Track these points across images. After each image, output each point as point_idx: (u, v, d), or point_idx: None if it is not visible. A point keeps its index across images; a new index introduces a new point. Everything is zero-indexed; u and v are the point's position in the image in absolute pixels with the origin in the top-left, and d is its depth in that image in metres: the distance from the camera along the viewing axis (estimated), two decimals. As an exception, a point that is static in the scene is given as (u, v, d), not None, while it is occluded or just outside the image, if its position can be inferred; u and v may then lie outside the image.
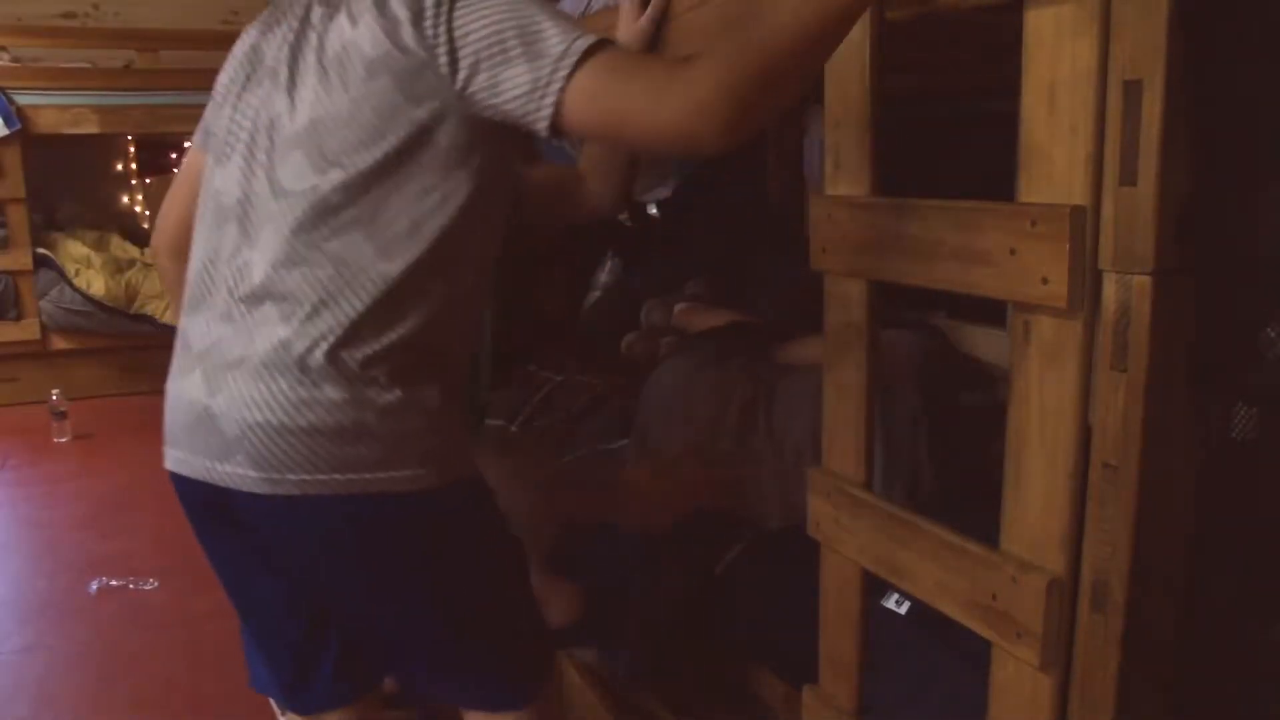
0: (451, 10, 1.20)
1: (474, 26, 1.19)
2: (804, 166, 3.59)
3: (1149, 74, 0.97)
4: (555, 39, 1.17)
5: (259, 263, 1.26)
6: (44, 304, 5.14)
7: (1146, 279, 1.00)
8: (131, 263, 5.37)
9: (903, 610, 1.63)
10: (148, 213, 6.23)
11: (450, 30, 1.19)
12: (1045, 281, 1.07)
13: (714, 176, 3.48)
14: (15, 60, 5.17)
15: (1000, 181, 1.18)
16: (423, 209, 1.24)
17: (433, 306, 1.27)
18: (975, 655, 1.28)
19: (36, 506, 3.81)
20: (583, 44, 1.16)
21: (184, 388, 1.31)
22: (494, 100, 1.20)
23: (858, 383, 1.42)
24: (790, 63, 1.11)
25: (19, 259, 5.08)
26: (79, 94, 5.08)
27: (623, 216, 3.86)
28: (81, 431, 4.64)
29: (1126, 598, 1.06)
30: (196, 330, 1.31)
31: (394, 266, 1.23)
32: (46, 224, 5.54)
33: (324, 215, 1.23)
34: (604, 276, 3.47)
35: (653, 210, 3.86)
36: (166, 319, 5.24)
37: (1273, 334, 0.99)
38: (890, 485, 1.97)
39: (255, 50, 1.38)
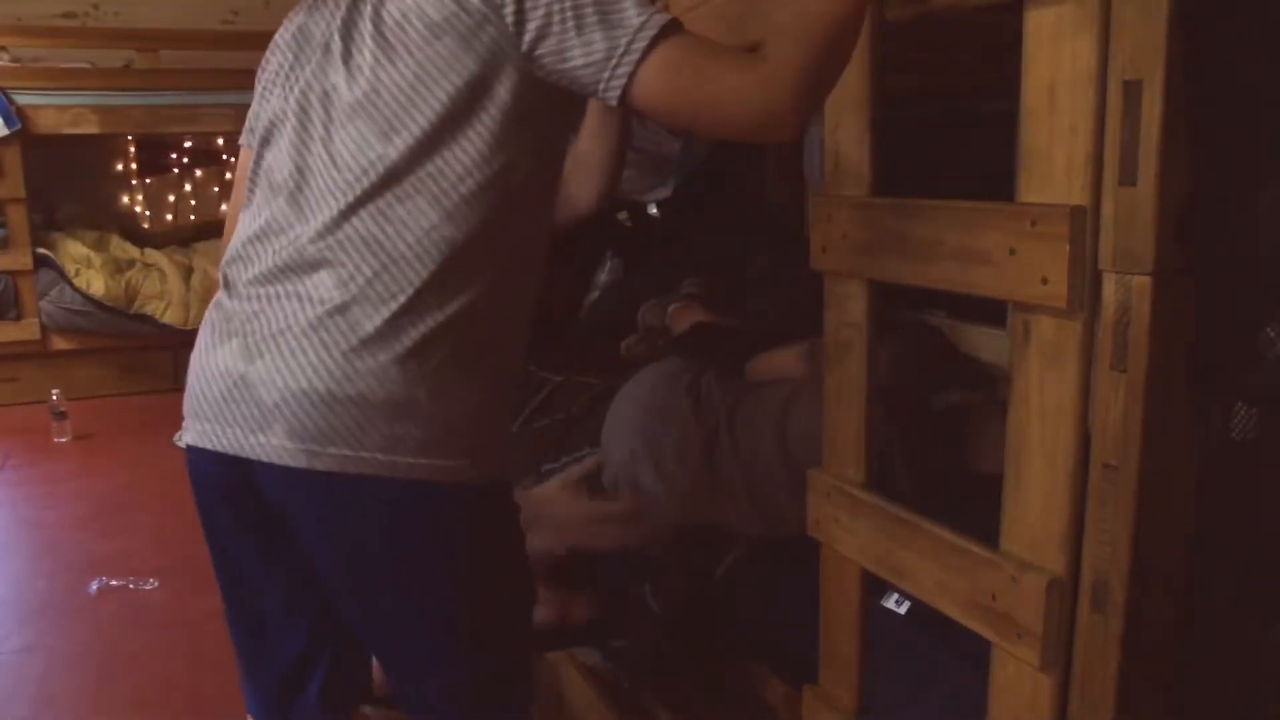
0: None
1: None
2: (804, 167, 3.59)
3: (1149, 74, 0.97)
4: (632, 8, 1.16)
5: (313, 234, 1.23)
6: (44, 304, 5.14)
7: (1146, 279, 1.00)
8: (131, 263, 5.37)
9: (902, 610, 1.63)
10: (148, 212, 6.24)
11: None
12: (1045, 282, 1.07)
13: (714, 176, 3.48)
14: (15, 60, 5.17)
15: (1001, 181, 1.18)
16: (486, 174, 1.21)
17: (491, 282, 1.25)
18: (975, 655, 1.28)
19: (36, 506, 3.81)
20: (661, 19, 1.15)
21: (216, 358, 1.27)
22: (562, 65, 1.18)
23: (858, 383, 1.42)
24: (838, 44, 1.14)
25: (19, 259, 5.08)
26: (79, 94, 5.07)
27: (622, 216, 3.86)
28: (81, 431, 4.64)
29: (1126, 598, 1.06)
30: (236, 304, 1.28)
31: (459, 232, 1.20)
32: (46, 224, 5.54)
33: (389, 182, 1.20)
34: (604, 276, 3.47)
35: (653, 210, 3.85)
36: (166, 319, 5.24)
37: (1272, 334, 0.99)
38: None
39: (302, 31, 1.35)
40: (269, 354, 1.21)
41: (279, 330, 1.22)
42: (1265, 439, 1.09)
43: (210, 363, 1.28)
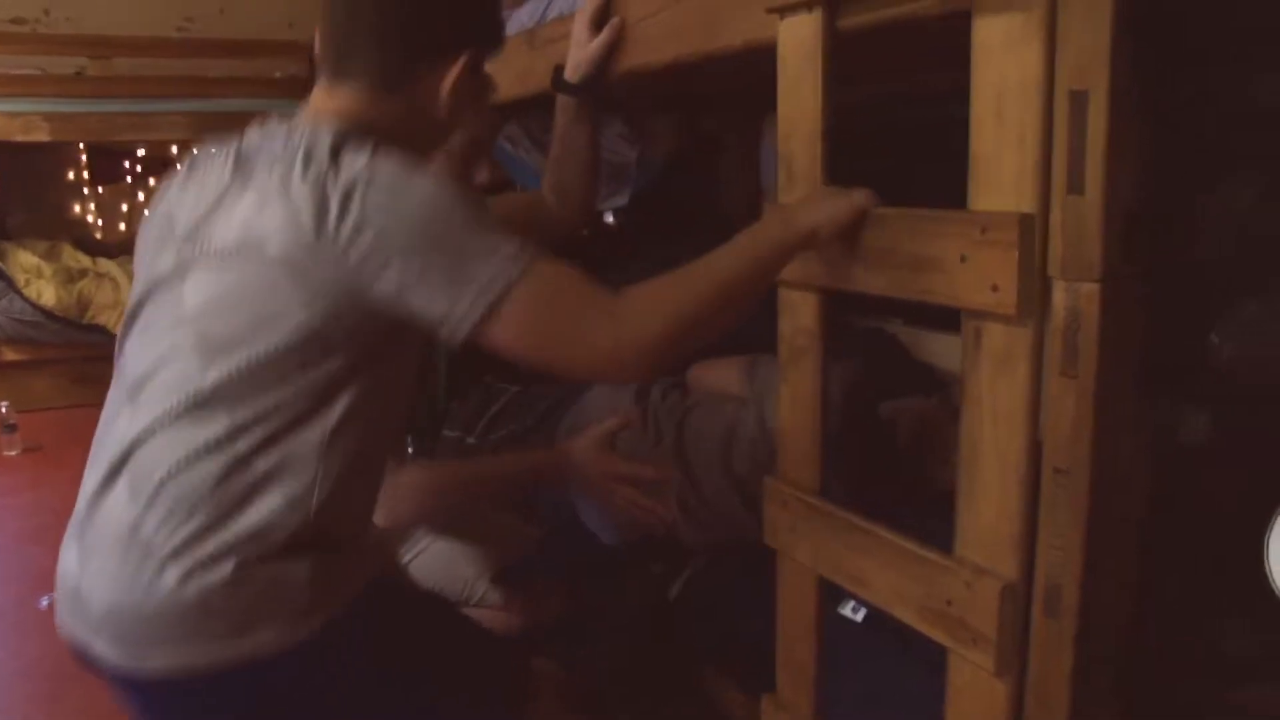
0: (364, 203, 1.11)
1: (388, 224, 1.11)
2: (760, 176, 3.61)
3: (1094, 84, 0.98)
4: (479, 258, 1.13)
5: (127, 435, 1.21)
6: (-7, 314, 5.06)
7: (1095, 286, 1.01)
8: (83, 272, 5.29)
9: (859, 617, 1.64)
10: (100, 221, 6.15)
11: (359, 227, 1.11)
12: (995, 289, 1.08)
13: (669, 185, 3.49)
14: (-37, 67, 5.09)
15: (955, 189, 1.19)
16: (297, 406, 1.17)
17: (299, 495, 1.19)
18: (931, 661, 1.28)
19: (-14, 521, 3.75)
20: (511, 269, 1.12)
21: (65, 556, 1.27)
22: (402, 310, 1.14)
23: (811, 391, 1.42)
24: (730, 306, 1.22)
25: (-33, 269, 5.00)
26: (29, 101, 4.99)
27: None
28: (32, 444, 4.56)
29: (1079, 602, 1.07)
30: (81, 492, 1.27)
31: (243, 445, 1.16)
32: (-4, 233, 5.46)
33: (197, 402, 1.17)
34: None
35: (609, 219, 3.86)
36: (118, 329, 5.17)
37: (1217, 338, 1.00)
38: None
39: (168, 216, 1.29)
40: (91, 564, 1.21)
41: (97, 540, 1.21)
42: (1214, 442, 1.10)
43: (62, 557, 1.28)
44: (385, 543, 1.60)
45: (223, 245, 1.18)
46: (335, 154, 1.14)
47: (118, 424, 1.24)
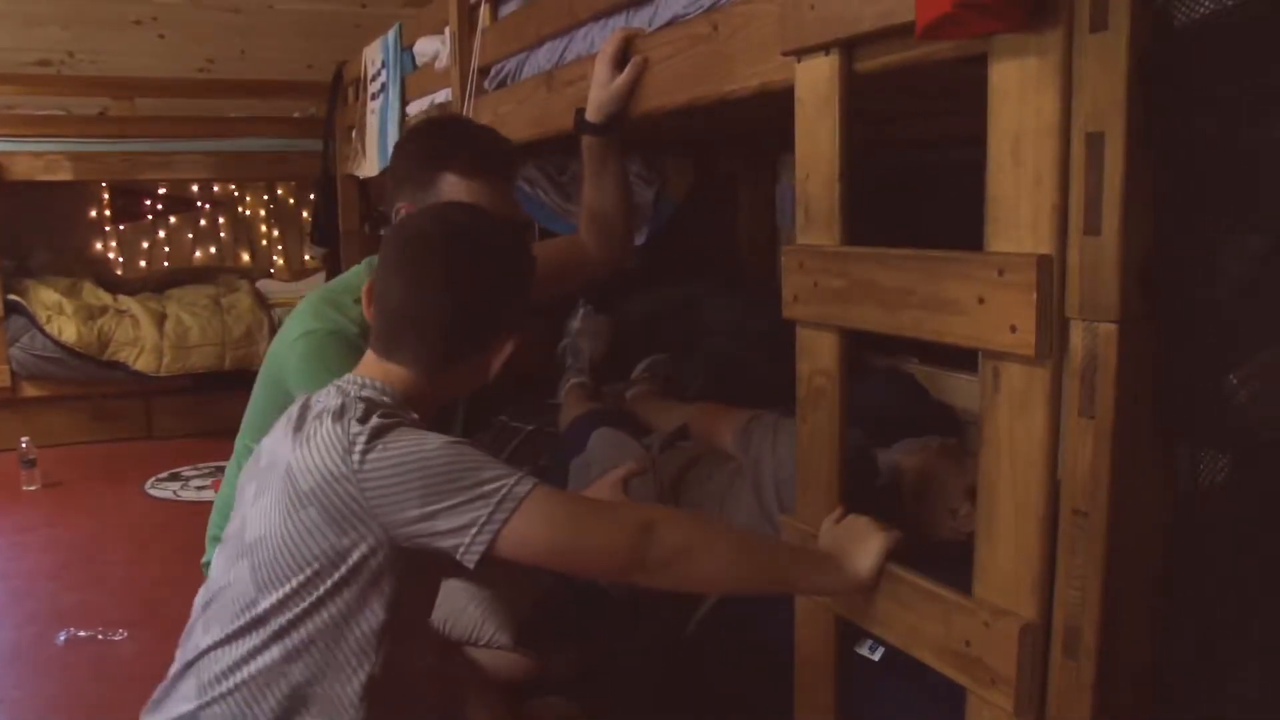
0: (382, 447, 1.24)
1: (403, 463, 1.23)
2: (776, 216, 3.63)
3: (1110, 126, 0.99)
4: (489, 482, 1.23)
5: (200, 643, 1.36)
6: (14, 350, 5.09)
7: (1113, 327, 1.01)
8: (104, 309, 5.33)
9: (876, 657, 1.63)
10: (121, 259, 6.21)
11: (379, 466, 1.23)
12: (1013, 330, 1.08)
13: (686, 225, 3.52)
14: (-11, 108, 5.17)
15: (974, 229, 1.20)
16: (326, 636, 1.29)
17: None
18: (950, 702, 1.28)
19: (4, 556, 3.75)
20: (520, 489, 1.23)
21: None
22: (422, 539, 1.24)
23: (829, 431, 1.42)
24: (736, 582, 1.40)
25: (-10, 305, 5.05)
26: (53, 141, 5.06)
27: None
28: (51, 480, 4.58)
29: (1098, 643, 1.07)
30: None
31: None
32: (18, 270, 5.50)
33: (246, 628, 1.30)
34: (575, 323, 3.48)
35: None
36: (139, 366, 5.20)
37: (1235, 380, 1.00)
38: None
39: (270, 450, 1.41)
40: None
41: None
42: (1233, 484, 1.10)
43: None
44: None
45: (281, 479, 1.32)
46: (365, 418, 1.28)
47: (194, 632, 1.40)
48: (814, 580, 1.37)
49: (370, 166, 3.89)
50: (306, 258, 6.30)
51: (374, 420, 1.26)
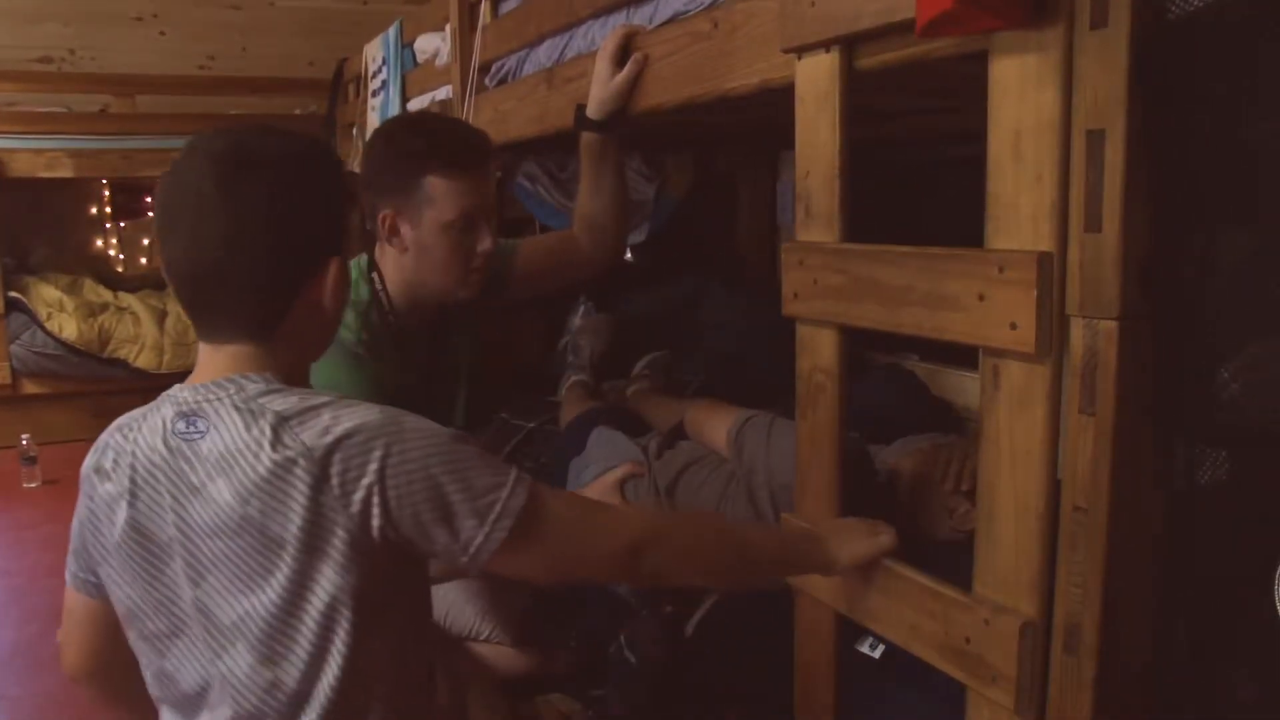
0: (384, 465, 1.09)
1: (392, 477, 1.10)
2: (777, 214, 3.62)
3: (1110, 124, 0.99)
4: (486, 493, 1.12)
5: None
6: (15, 348, 5.10)
7: (1113, 324, 1.01)
8: (105, 307, 5.34)
9: (877, 655, 1.63)
10: (121, 256, 6.21)
11: (376, 485, 1.09)
12: (1013, 327, 1.08)
13: (686, 222, 3.51)
14: (-10, 105, 5.17)
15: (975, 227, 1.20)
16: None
17: None
18: (950, 699, 1.28)
19: (4, 554, 3.76)
20: (515, 503, 1.12)
21: None
22: (418, 548, 1.14)
23: (829, 428, 1.42)
24: (725, 569, 1.36)
25: (-10, 303, 5.05)
26: (54, 138, 5.07)
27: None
28: (51, 477, 4.58)
29: (1099, 641, 1.07)
30: None
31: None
32: (19, 268, 5.50)
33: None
34: (576, 320, 3.48)
35: (627, 255, 3.88)
36: (139, 363, 5.21)
37: (1227, 375, 1.00)
38: None
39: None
40: None
41: None
42: (1231, 480, 1.10)
43: None
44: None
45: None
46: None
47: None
48: (799, 550, 1.41)
49: (371, 164, 3.88)
50: (307, 255, 6.29)
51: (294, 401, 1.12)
